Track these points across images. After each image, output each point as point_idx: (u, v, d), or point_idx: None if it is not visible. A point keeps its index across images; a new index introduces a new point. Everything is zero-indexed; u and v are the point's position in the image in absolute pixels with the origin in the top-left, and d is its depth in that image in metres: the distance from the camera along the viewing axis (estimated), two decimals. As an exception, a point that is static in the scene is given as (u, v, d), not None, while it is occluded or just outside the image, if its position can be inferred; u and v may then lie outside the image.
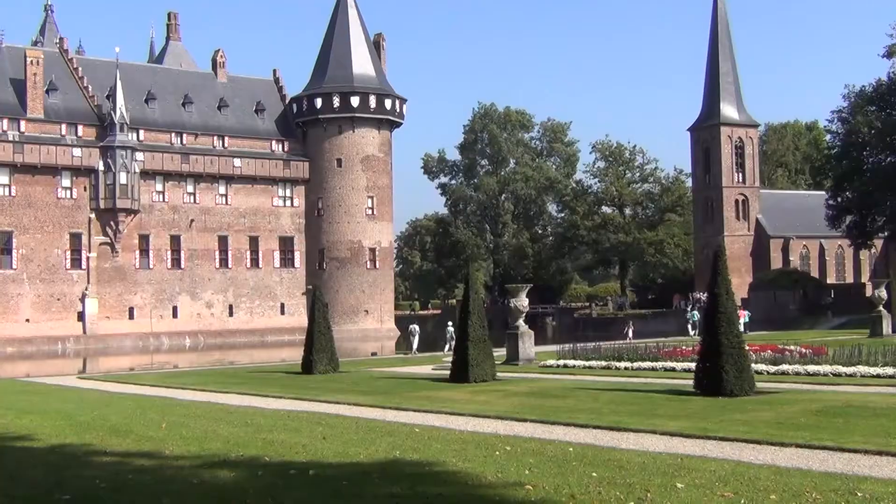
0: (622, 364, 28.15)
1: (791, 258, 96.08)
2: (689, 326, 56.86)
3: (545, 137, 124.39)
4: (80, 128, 79.10)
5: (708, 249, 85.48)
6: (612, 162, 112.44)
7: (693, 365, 21.76)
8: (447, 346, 48.91)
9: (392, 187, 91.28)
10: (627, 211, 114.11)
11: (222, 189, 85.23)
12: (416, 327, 52.32)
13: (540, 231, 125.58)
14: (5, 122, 76.20)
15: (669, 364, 27.11)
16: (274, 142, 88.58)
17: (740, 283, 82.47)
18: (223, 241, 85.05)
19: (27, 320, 75.88)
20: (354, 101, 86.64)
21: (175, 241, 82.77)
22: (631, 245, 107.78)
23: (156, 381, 29.77)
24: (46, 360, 67.38)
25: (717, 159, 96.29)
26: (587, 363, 29.43)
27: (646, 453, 12.41)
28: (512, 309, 31.95)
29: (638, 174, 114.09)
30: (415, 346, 50.21)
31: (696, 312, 57.99)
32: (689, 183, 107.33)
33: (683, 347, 31.72)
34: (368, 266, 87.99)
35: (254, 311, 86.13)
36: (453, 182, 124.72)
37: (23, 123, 76.73)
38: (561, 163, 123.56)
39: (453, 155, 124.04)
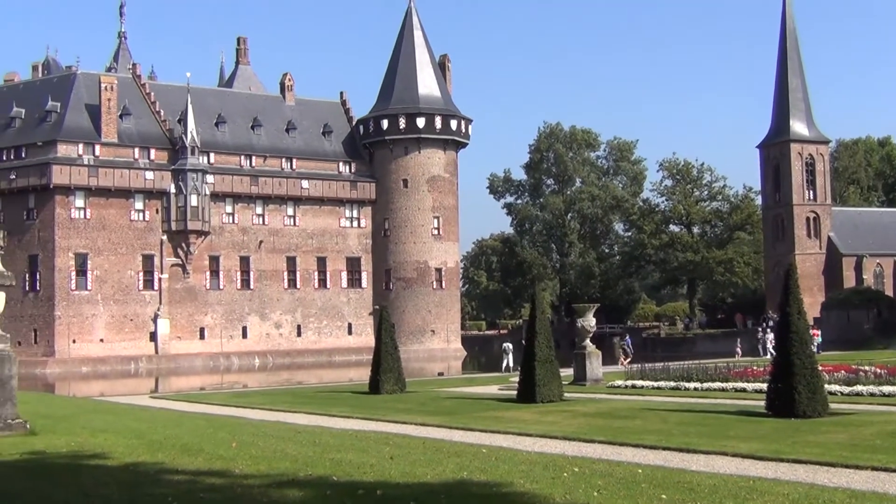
0: (691, 385, 27.78)
1: (864, 276, 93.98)
2: (761, 347, 55.80)
3: (611, 156, 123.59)
4: (152, 151, 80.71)
5: (779, 268, 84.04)
6: (680, 180, 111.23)
7: (764, 386, 21.40)
8: (504, 365, 48.58)
9: (458, 207, 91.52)
10: (696, 229, 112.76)
11: (290, 210, 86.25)
12: (509, 345, 51.47)
13: (607, 250, 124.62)
14: (81, 146, 78.07)
15: (740, 385, 26.69)
16: (341, 163, 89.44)
17: (812, 302, 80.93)
18: (291, 261, 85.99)
19: (101, 340, 77.41)
20: (420, 122, 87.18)
21: (244, 262, 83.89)
22: (699, 264, 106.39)
23: (226, 400, 30.10)
24: (120, 379, 68.67)
25: (788, 176, 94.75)
26: (656, 384, 29.08)
27: (716, 475, 12.22)
28: (579, 329, 31.75)
29: (706, 192, 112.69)
30: (509, 364, 48.30)
31: (768, 332, 56.90)
32: (758, 201, 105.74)
33: (754, 368, 31.21)
34: (435, 286, 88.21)
35: (321, 332, 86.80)
36: (519, 202, 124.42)
37: (97, 148, 78.55)
38: (627, 181, 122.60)
39: (519, 174, 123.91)
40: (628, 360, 48.74)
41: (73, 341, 76.24)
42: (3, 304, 18.26)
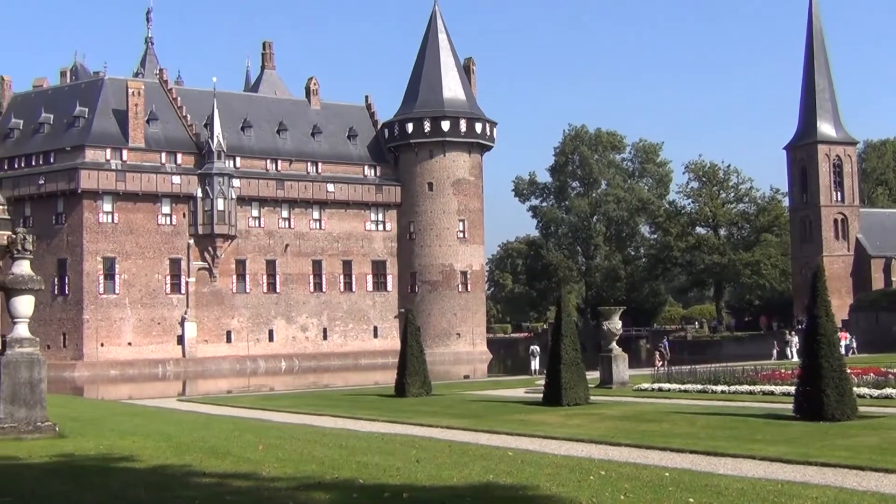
0: (719, 388, 27.63)
1: (893, 278, 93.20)
2: (789, 350, 55.30)
3: (637, 158, 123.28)
4: (179, 156, 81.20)
5: (806, 270, 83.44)
6: (706, 182, 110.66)
7: (792, 389, 21.26)
8: (532, 367, 48.71)
9: (483, 210, 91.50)
10: (722, 231, 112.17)
11: (316, 214, 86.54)
12: (536, 348, 51.51)
13: (632, 253, 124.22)
14: (108, 151, 78.69)
15: (768, 388, 26.52)
16: (366, 167, 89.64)
17: (840, 304, 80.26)
18: (317, 265, 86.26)
19: (129, 344, 77.94)
20: (445, 125, 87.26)
21: (270, 265, 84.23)
22: (726, 266, 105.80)
23: (252, 403, 30.24)
24: (147, 382, 69.10)
25: (815, 178, 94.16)
26: (682, 387, 28.95)
27: (744, 479, 12.16)
28: (605, 331, 31.69)
29: (732, 194, 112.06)
30: (535, 366, 48.62)
31: (794, 335, 56.41)
32: (785, 202, 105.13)
33: (782, 371, 31.01)
34: (460, 289, 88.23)
35: (347, 335, 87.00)
36: (544, 204, 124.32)
37: (125, 153, 79.15)
38: (653, 184, 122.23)
39: (544, 177, 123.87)
40: (665, 362, 48.62)
41: (102, 345, 76.81)
42: (32, 307, 18.43)
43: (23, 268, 18.25)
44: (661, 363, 48.54)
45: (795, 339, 54.60)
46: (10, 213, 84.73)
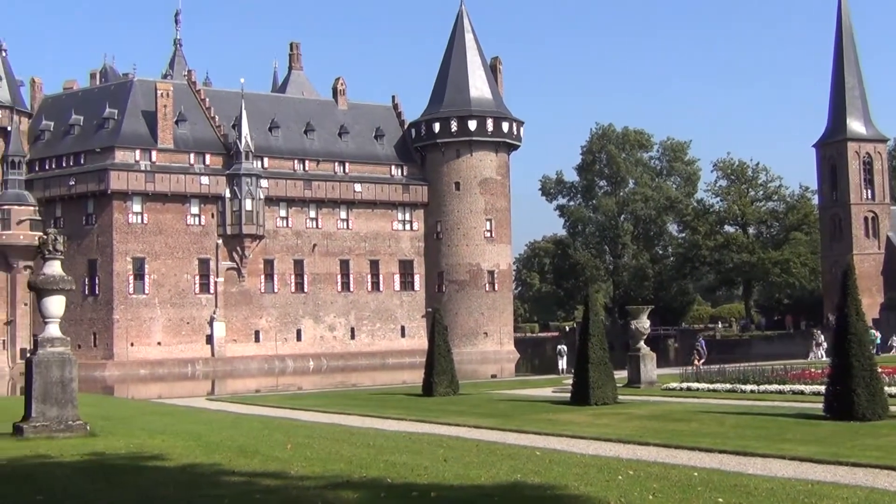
0: (748, 387, 27.44)
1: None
2: (821, 350, 54.64)
3: (665, 157, 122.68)
4: (207, 156, 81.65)
5: (836, 269, 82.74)
6: (735, 180, 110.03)
7: (822, 388, 21.10)
8: (560, 366, 48.65)
9: (510, 209, 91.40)
10: (751, 230, 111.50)
11: (343, 214, 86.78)
12: (564, 347, 51.45)
13: (660, 252, 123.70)
14: (138, 152, 79.28)
15: (798, 387, 26.33)
16: (393, 166, 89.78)
17: (871, 303, 79.63)
18: (345, 264, 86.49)
19: (159, 343, 78.48)
20: (472, 124, 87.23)
21: (298, 265, 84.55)
22: (755, 265, 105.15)
23: (281, 402, 30.35)
24: (177, 381, 69.57)
25: (845, 175, 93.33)
26: (711, 386, 28.79)
27: (774, 479, 12.09)
28: (633, 331, 31.58)
29: (761, 192, 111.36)
30: (563, 366, 48.58)
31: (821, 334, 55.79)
32: (815, 200, 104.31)
33: (812, 370, 30.78)
34: (487, 288, 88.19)
35: (375, 334, 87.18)
36: (571, 203, 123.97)
37: (154, 153, 79.71)
38: (681, 182, 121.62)
39: (571, 176, 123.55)
40: (702, 360, 48.36)
41: (132, 344, 77.39)
42: (63, 307, 18.61)
43: (54, 268, 18.43)
44: (699, 361, 48.23)
45: (822, 338, 54.11)
46: (41, 214, 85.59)
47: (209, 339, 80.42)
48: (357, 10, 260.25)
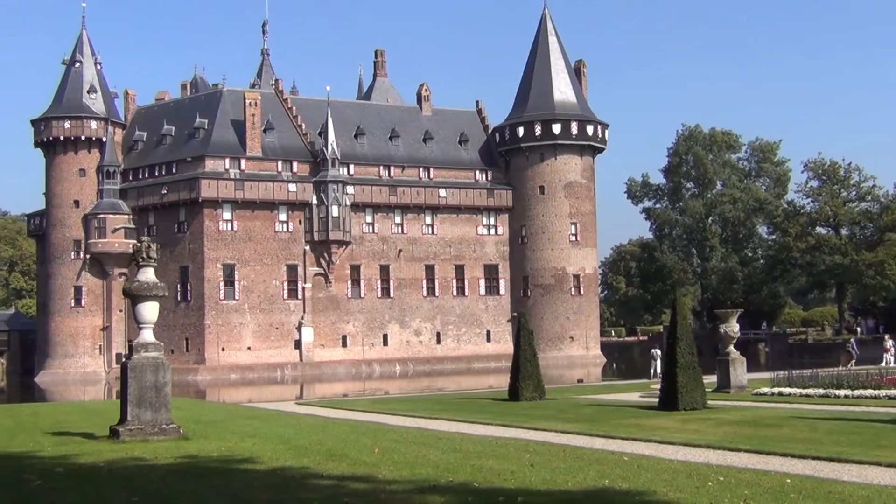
0: (842, 392, 26.84)
1: None
2: (885, 355, 52.78)
3: (753, 157, 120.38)
4: (294, 164, 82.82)
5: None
6: (826, 181, 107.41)
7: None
8: (651, 371, 48.03)
9: (595, 213, 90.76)
10: (844, 231, 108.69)
11: (428, 219, 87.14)
12: (657, 351, 50.93)
13: (750, 254, 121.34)
14: (227, 161, 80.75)
15: (893, 392, 25.63)
16: (478, 171, 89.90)
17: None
18: (430, 269, 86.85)
19: (249, 348, 79.77)
20: (556, 128, 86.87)
21: (384, 270, 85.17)
22: (848, 267, 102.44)
23: (368, 407, 30.59)
24: (266, 386, 70.65)
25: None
26: (804, 391, 28.21)
27: (870, 486, 11.79)
28: (722, 335, 31.14)
29: (854, 192, 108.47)
30: (656, 370, 47.56)
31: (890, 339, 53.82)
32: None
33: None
34: (573, 293, 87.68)
35: (460, 339, 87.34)
36: (658, 206, 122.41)
37: (243, 162, 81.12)
38: (771, 183, 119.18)
39: (658, 178, 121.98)
40: (853, 361, 47.45)
41: (222, 349, 78.82)
42: (156, 313, 19.07)
43: (147, 275, 18.91)
44: (850, 362, 47.20)
45: (891, 343, 52.45)
46: (135, 223, 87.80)
47: (297, 344, 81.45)
48: (441, 16, 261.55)
